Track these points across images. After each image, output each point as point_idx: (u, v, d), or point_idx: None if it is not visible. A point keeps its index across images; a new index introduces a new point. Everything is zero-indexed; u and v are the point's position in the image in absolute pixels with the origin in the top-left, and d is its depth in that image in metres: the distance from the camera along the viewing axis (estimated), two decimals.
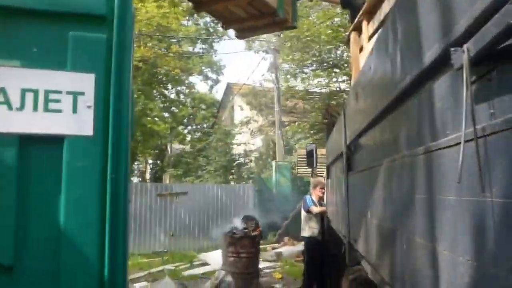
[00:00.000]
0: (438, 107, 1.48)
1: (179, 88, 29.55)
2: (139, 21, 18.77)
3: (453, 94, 1.33)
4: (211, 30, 28.44)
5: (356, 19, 5.51)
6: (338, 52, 19.25)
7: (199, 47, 28.52)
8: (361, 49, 5.48)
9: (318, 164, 8.78)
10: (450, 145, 1.31)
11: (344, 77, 18.68)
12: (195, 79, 33.62)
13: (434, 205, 1.50)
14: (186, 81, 28.73)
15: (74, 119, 1.67)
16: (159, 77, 25.67)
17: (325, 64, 18.27)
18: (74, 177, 1.65)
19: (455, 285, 1.33)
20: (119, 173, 1.69)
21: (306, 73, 18.97)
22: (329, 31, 16.45)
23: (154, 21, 20.63)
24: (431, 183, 1.54)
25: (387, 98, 2.15)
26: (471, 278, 1.22)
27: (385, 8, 4.50)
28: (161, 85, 27.53)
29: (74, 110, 1.67)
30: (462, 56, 1.17)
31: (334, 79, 18.46)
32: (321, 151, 10.38)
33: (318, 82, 18.39)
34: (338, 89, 19.06)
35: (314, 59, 17.67)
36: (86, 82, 1.68)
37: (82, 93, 1.68)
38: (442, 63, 1.38)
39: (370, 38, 5.09)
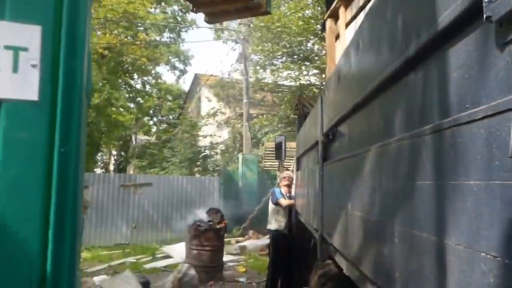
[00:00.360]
0: (454, 77, 1.25)
1: (145, 78, 28.93)
2: (104, 6, 18.14)
3: (480, 59, 1.10)
4: (179, 19, 27.94)
5: (333, 5, 5.30)
6: (309, 44, 19.14)
7: (166, 36, 27.94)
8: (337, 37, 5.28)
9: (286, 158, 8.60)
10: (473, 120, 1.08)
11: (315, 71, 18.57)
12: (162, 69, 33.07)
13: (443, 192, 1.28)
14: (153, 71, 28.12)
15: (15, 80, 1.34)
16: (125, 66, 25.02)
17: (295, 57, 18.09)
18: (13, 151, 1.34)
19: (472, 285, 1.11)
20: (70, 147, 1.37)
21: (276, 65, 18.76)
22: (301, 23, 16.27)
23: (120, 8, 20.02)
24: (439, 166, 1.31)
25: (379, 75, 1.92)
26: (497, 278, 1.00)
27: None
28: (127, 75, 26.86)
29: (15, 69, 1.35)
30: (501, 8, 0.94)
31: (305, 72, 18.30)
32: (290, 145, 10.22)
33: (288, 74, 18.19)
34: (308, 82, 18.93)
35: (285, 50, 17.46)
36: (30, 35, 1.36)
37: (25, 49, 1.36)
38: (465, 20, 1.15)
39: (347, 25, 4.89)
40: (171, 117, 33.66)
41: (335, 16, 5.26)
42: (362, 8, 4.32)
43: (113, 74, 24.01)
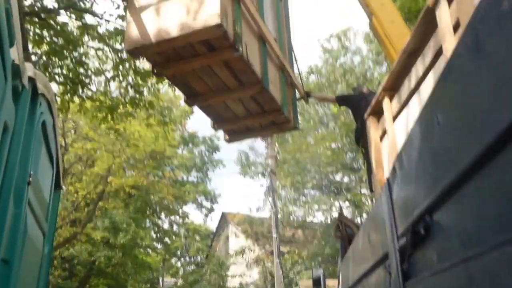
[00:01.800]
0: None
1: (172, 217, 28.09)
2: (133, 145, 18.01)
3: None
4: (206, 159, 27.89)
5: (374, 100, 4.43)
6: (337, 177, 18.32)
7: (193, 175, 27.64)
8: (383, 134, 4.31)
9: None
10: None
11: (346, 203, 17.48)
12: (189, 208, 32.49)
13: None
14: (180, 210, 27.36)
15: None
16: (152, 205, 24.37)
17: (325, 189, 17.16)
18: None
19: None
20: None
21: (305, 198, 17.78)
22: (329, 153, 15.61)
23: (148, 147, 19.93)
24: None
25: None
26: None
27: (416, 74, 3.42)
28: (155, 214, 26.12)
29: None
30: None
31: (337, 204, 17.18)
32: (328, 282, 8.88)
33: (319, 207, 17.08)
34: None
35: (314, 182, 16.60)
36: None
37: None
38: None
39: (395, 117, 3.94)
40: (199, 257, 32.11)
41: (377, 112, 4.34)
42: (414, 91, 3.37)
43: (140, 213, 23.30)
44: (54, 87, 8.61)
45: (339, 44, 21.89)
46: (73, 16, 7.99)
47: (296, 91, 5.92)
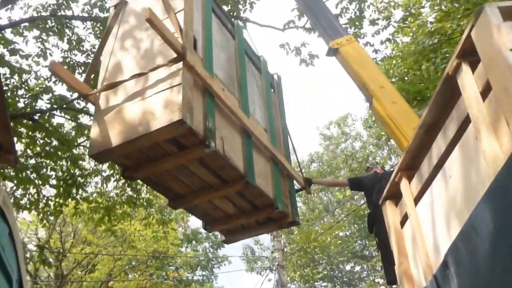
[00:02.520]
0: None
1: None
2: (133, 247, 17.30)
3: None
4: (211, 255, 26.83)
5: (389, 183, 4.01)
6: (348, 266, 17.41)
7: (198, 274, 26.39)
8: (403, 220, 3.83)
9: None
10: None
11: None
12: None
13: None
14: None
15: None
16: None
17: (336, 280, 16.20)
18: None
19: None
20: None
21: None
22: (339, 242, 14.91)
23: (149, 248, 19.15)
24: None
25: None
26: None
27: (438, 150, 3.04)
28: None
29: None
30: None
31: None
32: None
33: None
34: None
35: (325, 272, 15.69)
36: None
37: None
38: None
39: (417, 199, 3.49)
40: None
41: (394, 196, 3.90)
42: (437, 169, 2.97)
43: None
44: (48, 190, 8.22)
45: (339, 130, 21.95)
46: (67, 116, 7.79)
47: (296, 182, 5.48)
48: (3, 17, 17.04)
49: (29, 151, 7.11)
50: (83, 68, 8.32)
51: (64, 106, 7.34)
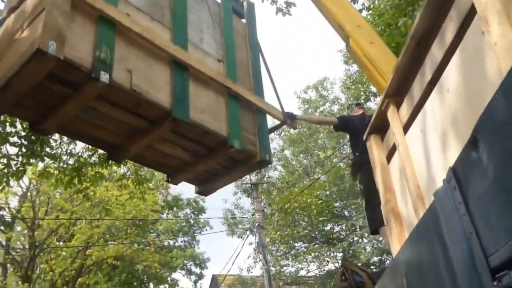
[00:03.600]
0: None
1: (161, 286, 26.28)
2: (112, 212, 16.74)
3: None
4: (192, 221, 26.52)
5: (373, 117, 3.59)
6: (328, 227, 17.27)
7: (180, 240, 26.13)
8: (390, 153, 3.42)
9: None
10: None
11: (339, 254, 16.34)
12: (178, 275, 30.47)
13: None
14: (169, 278, 25.62)
15: None
16: (139, 275, 22.67)
17: (316, 240, 16.06)
18: None
19: None
20: None
21: (297, 250, 16.57)
22: (319, 202, 14.68)
23: (129, 215, 18.67)
24: None
25: None
26: None
27: (432, 63, 2.60)
28: (142, 285, 24.35)
29: None
30: None
31: (330, 255, 16.00)
32: None
33: (313, 257, 15.88)
34: (334, 268, 16.49)
35: (307, 231, 15.51)
36: None
37: None
38: None
39: (406, 128, 3.07)
40: None
41: (379, 129, 3.48)
42: (432, 85, 2.55)
43: (126, 286, 21.61)
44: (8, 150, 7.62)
45: (316, 94, 21.53)
46: None
47: (272, 117, 4.97)
48: None
49: None
50: None
51: None
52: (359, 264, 14.84)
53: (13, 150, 7.05)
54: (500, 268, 1.10)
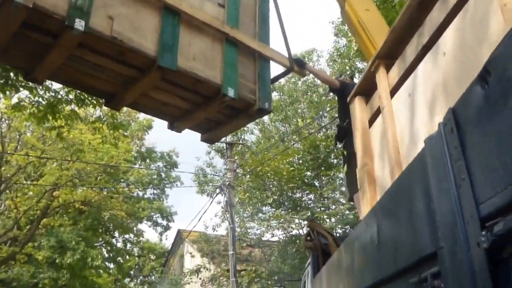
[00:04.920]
0: None
1: (126, 236, 26.31)
2: (83, 155, 16.43)
3: None
4: (163, 175, 26.41)
5: (361, 77, 3.49)
6: (297, 195, 17.37)
7: (150, 192, 26.06)
8: (373, 117, 3.34)
9: None
10: None
11: (303, 222, 16.51)
12: (144, 226, 30.67)
13: None
14: (135, 228, 25.65)
15: None
16: (105, 223, 22.59)
17: (284, 207, 16.17)
18: None
19: None
20: None
21: (264, 213, 16.70)
22: (291, 168, 14.70)
23: (101, 161, 18.39)
24: None
25: None
26: None
27: (430, 28, 2.49)
28: (108, 233, 24.31)
29: None
30: None
31: (296, 222, 16.16)
32: None
33: (278, 223, 16.01)
34: (299, 233, 16.69)
35: (275, 197, 15.58)
36: None
37: None
38: None
39: (394, 92, 2.98)
40: (153, 277, 30.29)
41: (365, 92, 3.38)
42: (425, 51, 2.45)
43: (92, 232, 21.53)
44: None
45: None
46: None
47: (277, 64, 4.72)
48: None
49: None
50: None
51: None
52: None
53: None
54: (493, 216, 1.02)
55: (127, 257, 28.65)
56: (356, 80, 6.68)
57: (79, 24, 2.94)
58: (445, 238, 1.25)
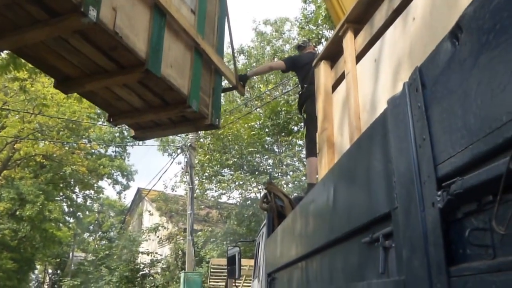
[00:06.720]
0: None
1: (87, 192, 25.91)
2: (45, 108, 15.82)
3: None
4: (126, 133, 25.90)
5: (328, 41, 3.42)
6: (257, 159, 17.44)
7: (111, 150, 25.59)
8: (337, 82, 3.29)
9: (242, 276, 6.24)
10: None
11: (260, 186, 16.65)
12: (105, 183, 30.21)
13: None
14: (95, 185, 25.25)
15: None
16: (65, 178, 22.12)
17: (243, 170, 16.21)
18: None
19: None
20: None
21: (223, 176, 16.70)
22: (252, 133, 14.66)
23: (63, 116, 17.83)
24: None
25: None
26: None
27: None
28: (68, 188, 23.85)
29: None
30: None
31: (254, 185, 16.26)
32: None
33: (236, 185, 16.09)
34: (255, 197, 16.85)
35: (235, 159, 15.58)
36: None
37: None
38: None
39: (359, 58, 2.93)
40: (112, 233, 30.18)
41: (331, 56, 3.31)
42: (394, 16, 2.38)
43: (52, 186, 21.08)
44: None
45: (273, 29, 20.96)
46: None
47: (226, 79, 4.66)
48: None
49: None
50: None
51: None
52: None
53: None
54: (450, 176, 0.98)
55: (87, 212, 28.38)
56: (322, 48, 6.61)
57: (92, 14, 2.69)
58: (400, 199, 1.22)
